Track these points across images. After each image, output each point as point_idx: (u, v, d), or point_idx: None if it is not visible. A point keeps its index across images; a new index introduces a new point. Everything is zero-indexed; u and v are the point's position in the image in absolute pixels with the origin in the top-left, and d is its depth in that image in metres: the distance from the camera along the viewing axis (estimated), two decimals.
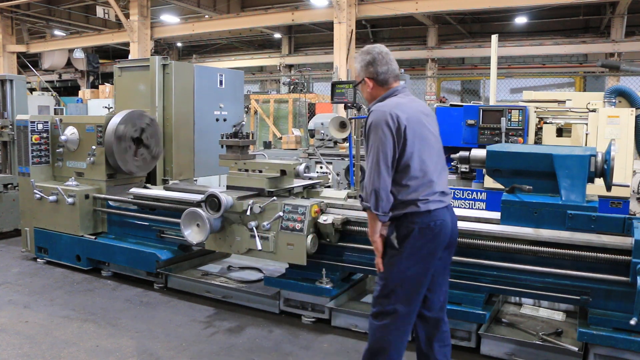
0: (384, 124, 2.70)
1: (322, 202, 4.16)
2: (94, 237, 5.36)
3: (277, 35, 21.76)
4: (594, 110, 5.80)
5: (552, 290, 3.48)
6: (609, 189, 3.61)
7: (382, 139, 2.69)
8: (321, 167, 8.45)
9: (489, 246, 3.57)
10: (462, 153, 4.14)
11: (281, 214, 4.03)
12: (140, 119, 5.45)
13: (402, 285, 2.75)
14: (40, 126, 5.64)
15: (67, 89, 24.99)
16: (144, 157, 5.54)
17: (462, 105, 6.70)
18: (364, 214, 3.99)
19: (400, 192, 2.73)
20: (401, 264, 2.74)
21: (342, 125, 6.43)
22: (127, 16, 16.09)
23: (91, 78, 23.08)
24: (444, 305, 2.99)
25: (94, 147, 5.38)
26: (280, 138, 12.36)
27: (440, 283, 2.95)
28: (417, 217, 2.72)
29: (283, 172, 4.32)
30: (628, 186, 5.54)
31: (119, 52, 22.01)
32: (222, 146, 4.65)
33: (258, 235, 4.05)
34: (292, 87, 14.90)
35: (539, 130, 6.17)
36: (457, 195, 6.25)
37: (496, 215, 3.78)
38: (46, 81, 21.04)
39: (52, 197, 5.41)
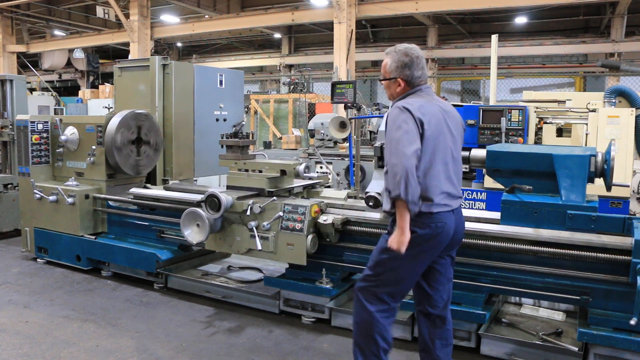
0: (409, 118, 2.67)
1: (322, 202, 4.16)
2: (94, 237, 5.36)
3: (277, 35, 21.75)
4: (594, 110, 5.80)
5: (552, 290, 3.48)
6: (609, 189, 3.61)
7: (410, 127, 2.64)
8: (321, 167, 8.45)
9: (489, 246, 3.57)
10: (462, 153, 4.13)
11: (281, 214, 4.03)
12: (134, 119, 5.45)
13: (392, 280, 2.82)
14: (40, 126, 5.64)
15: (67, 89, 24.99)
16: (147, 154, 5.55)
17: (462, 105, 6.70)
18: (364, 214, 4.01)
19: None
20: (395, 260, 2.77)
21: (342, 125, 6.43)
22: (127, 16, 16.09)
23: (91, 78, 23.08)
24: (448, 304, 3.01)
25: (94, 147, 5.38)
26: (280, 138, 12.36)
27: (443, 281, 2.97)
28: (418, 217, 2.71)
29: (283, 172, 4.32)
30: (628, 186, 5.54)
31: (119, 52, 22.01)
32: (222, 146, 4.65)
33: (258, 235, 4.05)
34: (292, 87, 14.90)
35: (539, 130, 6.17)
36: None
37: (496, 215, 3.78)
38: (46, 81, 21.03)
39: (52, 197, 5.41)
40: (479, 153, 4.01)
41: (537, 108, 6.20)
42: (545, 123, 6.15)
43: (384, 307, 2.87)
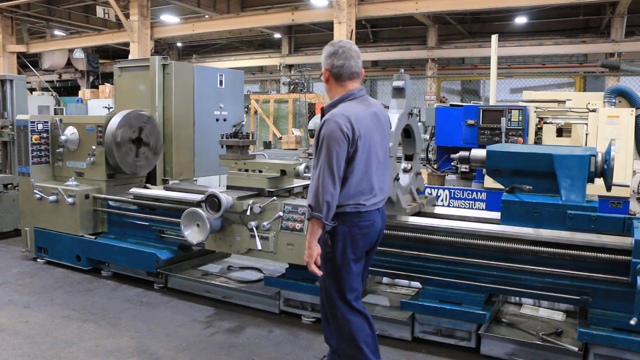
0: (338, 137, 2.75)
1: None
2: (94, 237, 5.36)
3: (277, 35, 21.76)
4: (594, 110, 5.80)
5: (552, 290, 3.48)
6: (609, 189, 3.61)
7: (337, 151, 2.75)
8: None
9: (489, 246, 3.57)
10: (462, 153, 4.14)
11: (281, 214, 4.03)
12: (137, 119, 5.45)
13: (337, 275, 2.96)
14: (40, 126, 5.64)
15: (67, 89, 25.01)
16: (146, 156, 5.54)
17: (462, 105, 6.71)
18: None
19: (344, 188, 2.86)
20: (335, 260, 2.94)
21: None
22: (127, 16, 16.09)
23: (91, 78, 23.10)
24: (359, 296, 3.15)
25: (94, 147, 5.38)
26: (280, 138, 12.37)
27: (365, 274, 3.23)
28: (348, 218, 2.89)
29: (283, 172, 4.32)
30: (628, 186, 5.54)
31: (119, 52, 22.01)
32: (222, 146, 4.65)
33: (258, 235, 4.05)
34: (292, 87, 14.91)
35: (539, 130, 6.17)
36: (457, 195, 6.26)
37: (496, 215, 3.79)
38: (46, 81, 21.07)
39: (52, 197, 5.41)
40: (479, 153, 4.01)
41: (537, 108, 6.20)
42: (545, 123, 6.15)
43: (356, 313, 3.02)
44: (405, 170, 4.21)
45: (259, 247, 4.03)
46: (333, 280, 2.99)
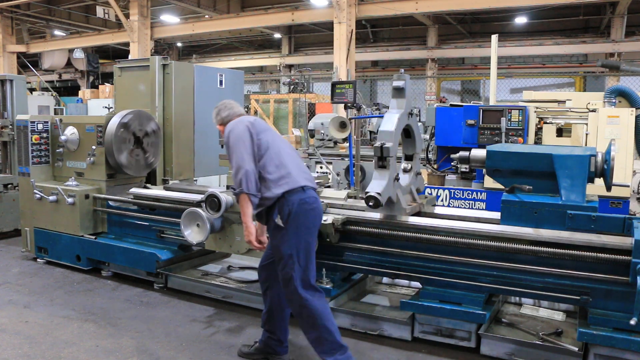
0: (243, 127, 3.34)
1: (322, 202, 4.15)
2: (94, 237, 5.37)
3: (277, 35, 21.75)
4: (594, 110, 5.80)
5: (552, 290, 3.48)
6: (609, 189, 3.61)
7: (243, 136, 3.29)
8: (321, 167, 8.45)
9: (489, 246, 3.56)
10: (462, 153, 4.13)
11: None
12: (148, 122, 5.49)
13: (297, 254, 3.25)
14: (40, 126, 5.64)
15: (67, 89, 25.00)
16: (137, 159, 5.52)
17: (462, 105, 6.70)
18: (364, 214, 4.01)
19: (273, 173, 3.26)
20: (290, 238, 3.25)
21: (342, 125, 6.43)
22: (127, 16, 16.09)
23: (91, 78, 23.09)
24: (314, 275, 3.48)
25: (94, 147, 5.38)
26: None
27: None
28: (294, 195, 3.24)
29: None
30: (628, 186, 5.54)
31: (119, 52, 22.01)
32: (222, 146, 4.65)
33: None
34: (292, 87, 14.90)
35: (539, 130, 6.16)
36: (457, 195, 6.26)
37: (496, 215, 3.78)
38: (46, 81, 21.03)
39: (52, 197, 5.42)
40: (479, 153, 4.01)
41: (537, 108, 6.20)
42: (545, 123, 6.14)
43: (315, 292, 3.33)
44: (405, 170, 4.21)
45: None
46: (290, 261, 3.24)
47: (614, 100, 6.04)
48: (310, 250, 3.33)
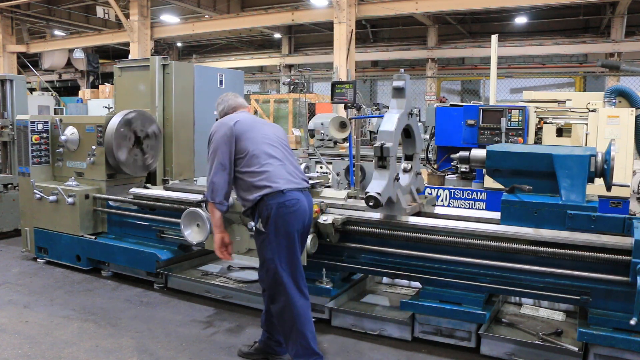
0: (223, 132, 3.32)
1: (322, 202, 4.15)
2: (94, 237, 5.36)
3: (277, 35, 21.77)
4: (594, 110, 5.80)
5: (552, 290, 3.48)
6: (609, 189, 3.61)
7: (221, 143, 3.29)
8: (321, 167, 8.46)
9: (489, 246, 3.56)
10: (462, 153, 4.13)
11: None
12: (150, 124, 5.49)
13: (279, 257, 3.24)
14: (40, 126, 5.64)
15: (67, 89, 25.02)
16: (136, 159, 5.51)
17: (462, 105, 6.70)
18: (364, 214, 4.01)
19: (254, 176, 3.25)
20: (271, 242, 3.24)
21: (342, 125, 6.43)
22: (127, 16, 16.10)
23: (91, 78, 23.10)
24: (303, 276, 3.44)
25: (94, 147, 5.38)
26: None
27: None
28: (272, 198, 3.20)
29: None
30: (628, 186, 5.54)
31: (119, 52, 22.03)
32: None
33: None
34: (292, 87, 14.90)
35: (539, 130, 6.16)
36: (457, 195, 6.26)
37: (496, 215, 3.78)
38: (46, 81, 21.04)
39: (52, 197, 5.41)
40: (479, 153, 4.01)
41: (537, 108, 6.20)
42: (545, 123, 6.14)
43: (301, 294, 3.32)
44: (405, 170, 4.21)
45: None
46: (272, 265, 3.25)
47: (614, 100, 6.05)
48: (292, 256, 3.28)
